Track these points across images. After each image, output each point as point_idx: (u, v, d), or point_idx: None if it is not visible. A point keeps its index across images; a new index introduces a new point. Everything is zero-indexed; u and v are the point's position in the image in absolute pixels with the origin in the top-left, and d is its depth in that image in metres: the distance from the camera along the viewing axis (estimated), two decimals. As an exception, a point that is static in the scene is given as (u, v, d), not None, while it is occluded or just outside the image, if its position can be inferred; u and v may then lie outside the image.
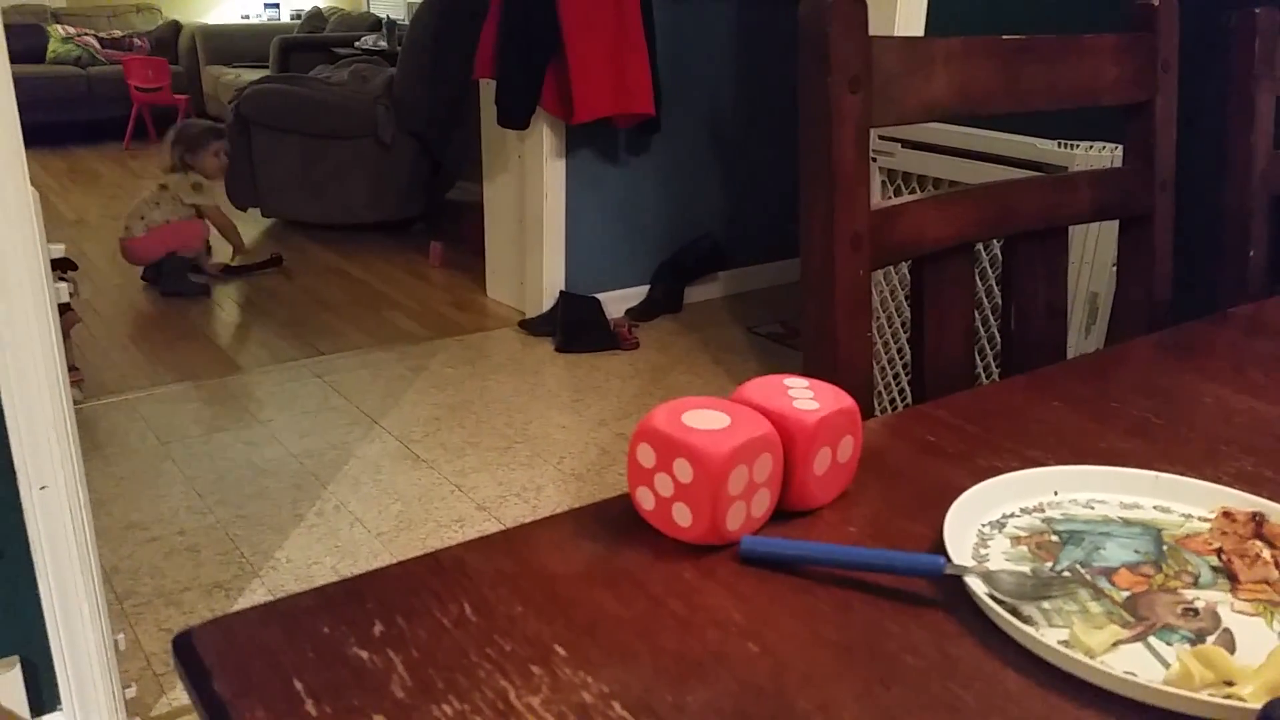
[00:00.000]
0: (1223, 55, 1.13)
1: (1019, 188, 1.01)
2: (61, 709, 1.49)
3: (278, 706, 0.46)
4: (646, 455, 0.59)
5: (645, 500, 0.60)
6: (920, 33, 2.42)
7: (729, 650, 0.51)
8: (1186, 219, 1.22)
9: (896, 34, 2.34)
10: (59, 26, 6.99)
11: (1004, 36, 0.95)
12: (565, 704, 0.47)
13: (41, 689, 1.47)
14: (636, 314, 3.56)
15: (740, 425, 0.59)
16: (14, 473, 1.36)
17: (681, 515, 0.58)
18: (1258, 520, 0.61)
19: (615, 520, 0.62)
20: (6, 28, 1.27)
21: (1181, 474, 0.67)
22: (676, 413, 0.60)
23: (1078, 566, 0.58)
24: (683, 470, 0.57)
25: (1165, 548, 0.61)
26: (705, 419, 0.59)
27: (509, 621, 0.52)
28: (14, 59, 1.28)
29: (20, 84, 1.30)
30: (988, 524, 0.62)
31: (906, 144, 2.23)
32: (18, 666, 1.42)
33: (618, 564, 0.58)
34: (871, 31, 0.84)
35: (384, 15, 7.06)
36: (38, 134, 3.80)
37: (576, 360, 3.19)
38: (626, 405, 2.87)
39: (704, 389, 3.00)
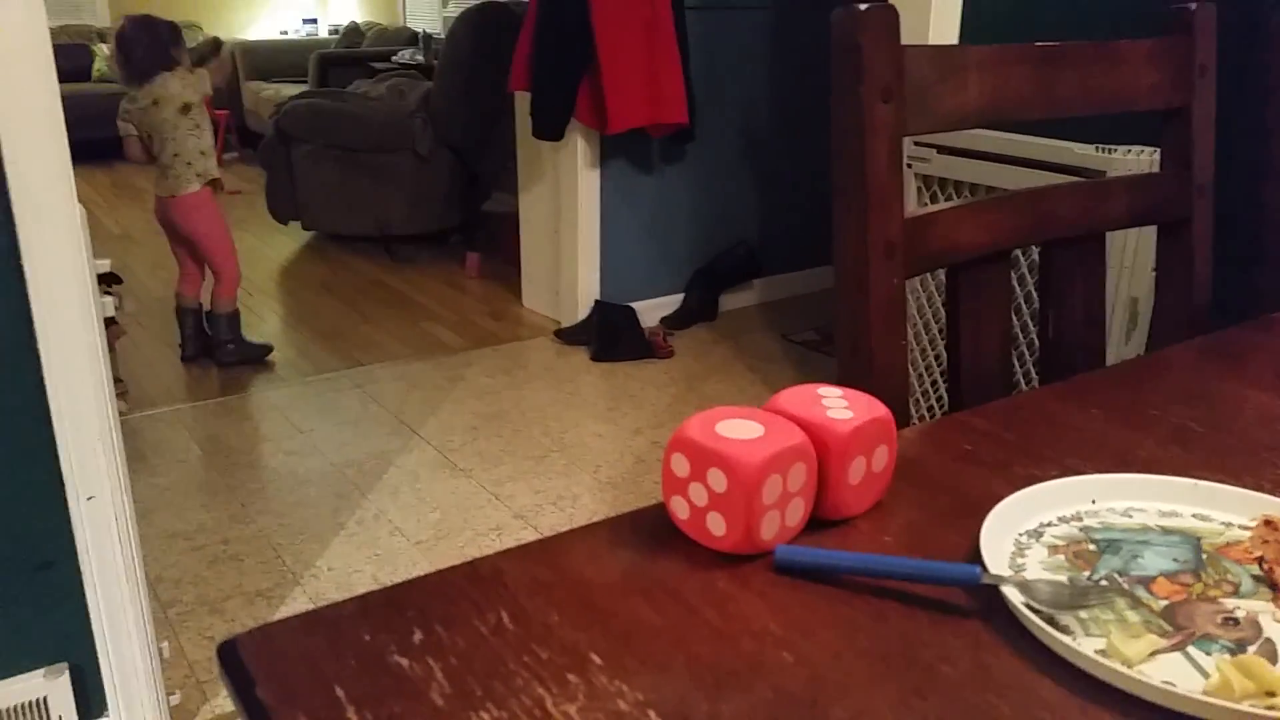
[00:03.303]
0: (1262, 57, 1.12)
1: (1055, 194, 1.01)
2: (109, 715, 1.52)
3: (320, 713, 0.47)
4: (680, 465, 0.60)
5: (680, 510, 0.61)
6: (954, 40, 2.41)
7: (764, 659, 0.51)
8: (1226, 223, 1.21)
9: (930, 42, 2.34)
10: (103, 46, 7.13)
11: (1038, 43, 0.95)
12: (602, 712, 0.47)
13: (89, 695, 1.50)
14: (671, 322, 3.57)
15: (774, 435, 0.59)
16: (62, 483, 1.39)
17: (716, 525, 0.59)
18: (1300, 529, 0.60)
19: (650, 529, 0.62)
20: (54, 48, 1.30)
21: (1221, 482, 0.66)
22: (710, 422, 0.60)
23: (1115, 575, 0.58)
24: (717, 480, 0.58)
25: (1205, 556, 0.60)
26: (739, 429, 0.60)
27: (546, 630, 0.53)
28: (61, 78, 1.32)
29: (67, 102, 1.33)
30: (1025, 533, 0.62)
31: (942, 150, 2.22)
32: (67, 673, 1.45)
33: (653, 573, 0.58)
34: (905, 40, 0.84)
35: (420, 30, 7.13)
36: (84, 150, 3.85)
37: (612, 369, 3.20)
38: (662, 414, 2.87)
39: (739, 397, 3.00)
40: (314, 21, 8.43)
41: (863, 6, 0.81)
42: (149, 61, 2.95)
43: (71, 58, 6.74)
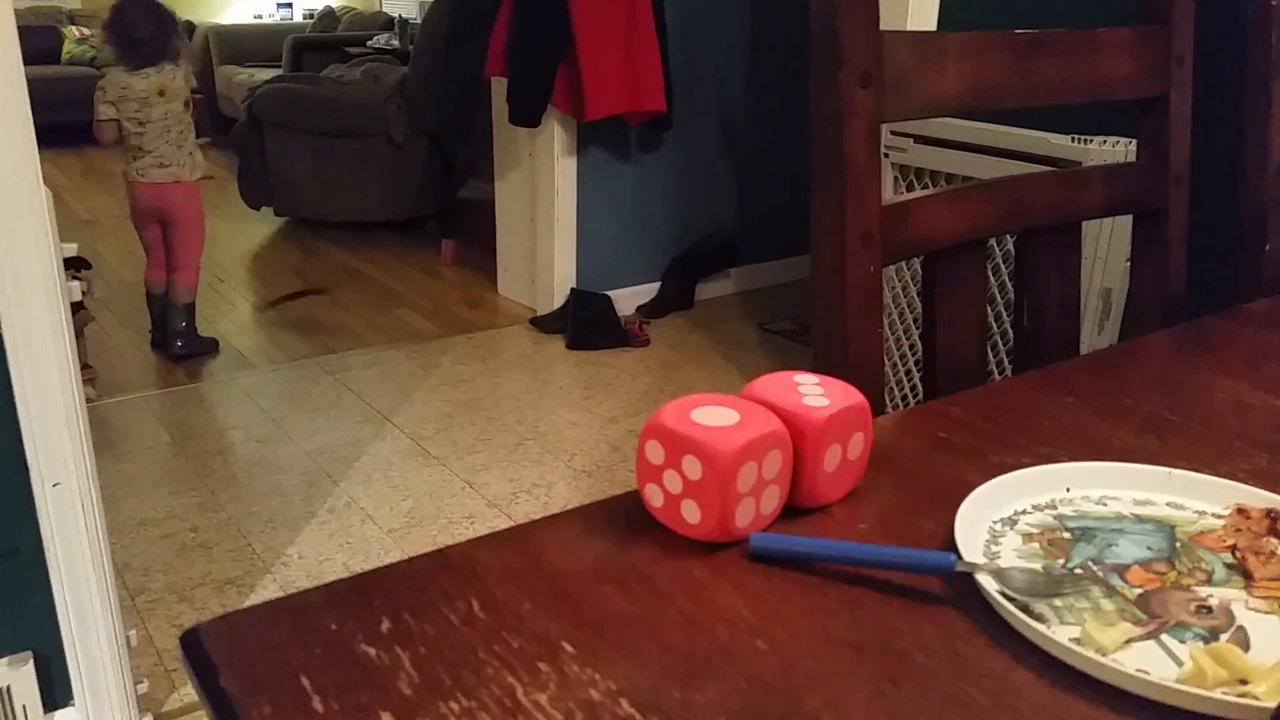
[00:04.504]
0: (1239, 46, 1.12)
1: (1031, 182, 1.01)
2: (74, 704, 1.50)
3: (285, 703, 0.46)
4: (655, 452, 0.59)
5: (654, 497, 0.60)
6: (932, 27, 2.41)
7: (738, 648, 0.50)
8: (1201, 213, 1.21)
9: (909, 29, 2.34)
10: (73, 28, 7.03)
11: (1016, 30, 0.94)
12: (573, 701, 0.46)
13: (54, 684, 1.48)
14: (647, 311, 3.56)
15: (749, 422, 0.58)
16: (27, 470, 1.37)
17: (690, 512, 0.58)
18: (1272, 517, 0.60)
19: (624, 517, 0.62)
20: (21, 29, 1.27)
21: (1195, 470, 0.66)
22: (685, 409, 0.59)
23: (1090, 563, 0.58)
24: (691, 467, 0.57)
25: (1178, 545, 0.60)
26: (714, 416, 0.59)
27: (517, 619, 0.52)
28: (29, 60, 1.29)
29: (35, 85, 1.30)
30: (999, 521, 0.62)
31: (919, 139, 2.22)
32: (31, 662, 1.43)
33: (626, 561, 0.58)
34: (883, 26, 0.83)
35: (396, 14, 7.07)
36: (52, 134, 3.76)
37: (587, 357, 3.19)
38: (637, 402, 2.87)
39: (715, 386, 2.99)
40: (288, 5, 8.33)
41: (841, -9, 0.81)
42: (156, 47, 2.90)
43: (41, 40, 6.63)
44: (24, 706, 1.43)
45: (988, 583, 0.53)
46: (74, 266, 2.56)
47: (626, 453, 2.57)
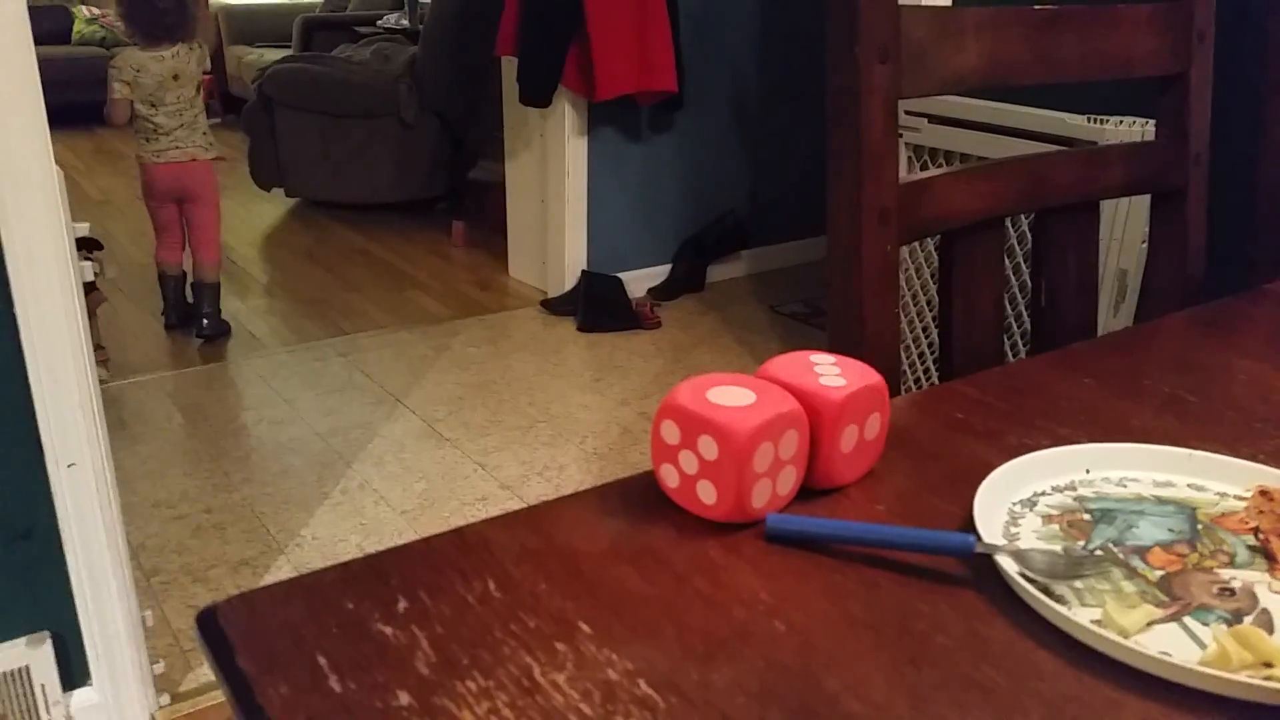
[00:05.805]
0: (1259, 23, 1.11)
1: (1050, 161, 0.99)
2: (92, 684, 1.51)
3: (301, 682, 0.46)
4: (671, 432, 0.58)
5: (669, 478, 0.59)
6: (949, 2, 2.39)
7: (755, 629, 0.50)
8: (1221, 193, 1.20)
9: (926, 3, 2.31)
10: (84, 8, 7.02)
11: (1035, 6, 0.93)
12: (590, 681, 0.46)
13: (72, 664, 1.49)
14: (659, 293, 3.55)
15: (766, 402, 0.58)
16: (41, 451, 1.37)
17: (706, 493, 0.58)
18: (1296, 499, 0.60)
19: (639, 498, 0.61)
20: (32, 9, 1.27)
21: (1216, 452, 0.65)
22: (701, 389, 0.59)
23: (1110, 545, 0.57)
24: (707, 447, 0.57)
25: (1200, 527, 0.59)
26: (730, 395, 0.58)
27: (533, 598, 0.52)
28: (39, 41, 1.29)
29: (46, 65, 1.30)
30: (1019, 502, 0.61)
31: (933, 119, 2.20)
32: (49, 642, 1.44)
33: (642, 541, 0.57)
34: (901, 1, 0.82)
35: (405, -6, 7.03)
36: (64, 115, 3.75)
37: (599, 339, 3.19)
38: (649, 385, 2.86)
39: (726, 368, 2.99)
40: (298, -14, 8.29)
41: (859, -34, 0.80)
42: (175, 19, 2.88)
43: (51, 20, 6.63)
44: (43, 685, 1.44)
45: (1008, 564, 0.53)
46: (86, 247, 2.56)
47: (638, 435, 2.57)
